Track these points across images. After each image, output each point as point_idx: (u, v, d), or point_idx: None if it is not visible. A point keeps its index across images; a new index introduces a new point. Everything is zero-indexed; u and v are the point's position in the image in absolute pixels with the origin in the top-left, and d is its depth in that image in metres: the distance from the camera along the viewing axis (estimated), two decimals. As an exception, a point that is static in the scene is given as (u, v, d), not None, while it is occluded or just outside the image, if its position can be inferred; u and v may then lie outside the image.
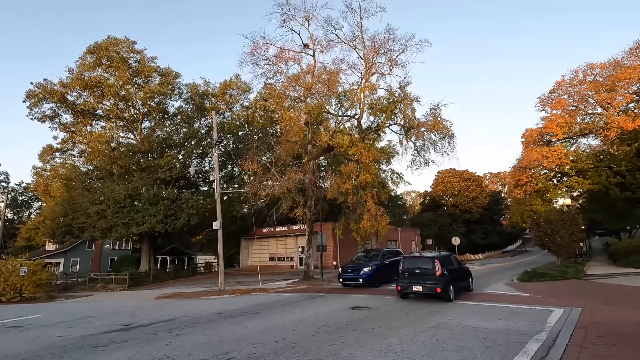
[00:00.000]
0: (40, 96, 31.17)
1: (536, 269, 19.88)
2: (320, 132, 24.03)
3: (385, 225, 23.26)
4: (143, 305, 15.11)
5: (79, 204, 29.90)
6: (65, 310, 15.35)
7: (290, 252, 35.50)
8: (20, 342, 8.59)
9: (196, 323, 9.54)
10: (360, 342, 6.61)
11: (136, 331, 8.94)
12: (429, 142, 24.97)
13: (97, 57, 31.74)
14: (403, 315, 9.23)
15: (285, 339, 7.11)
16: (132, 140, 35.96)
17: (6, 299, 22.84)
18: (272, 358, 5.91)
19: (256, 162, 22.15)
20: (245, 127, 38.32)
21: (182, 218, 28.77)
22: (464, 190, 61.97)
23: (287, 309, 11.16)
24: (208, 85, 37.95)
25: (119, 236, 29.98)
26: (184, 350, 6.68)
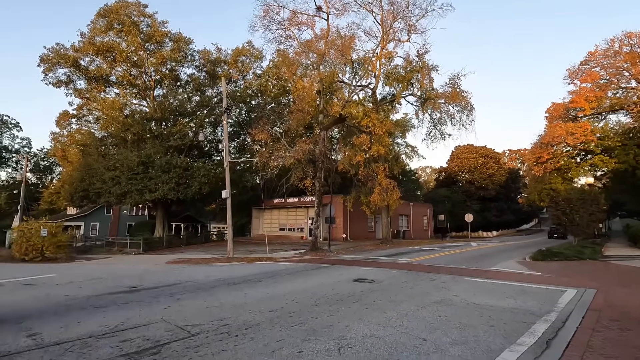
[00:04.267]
0: (53, 61, 31.12)
1: (551, 248, 19.33)
2: (333, 101, 23.29)
3: (396, 199, 22.90)
4: (153, 269, 15.46)
5: (94, 170, 30.49)
6: (79, 271, 15.88)
7: (301, 223, 35.73)
8: (29, 299, 8.82)
9: (199, 289, 9.59)
10: (359, 315, 6.42)
11: (140, 294, 9.05)
12: (446, 114, 23.99)
13: (109, 20, 31.18)
14: (407, 289, 9.01)
15: (284, 308, 7.00)
16: (145, 107, 35.95)
17: (29, 259, 23.95)
18: (267, 326, 5.79)
19: (266, 131, 21.78)
20: (258, 97, 37.65)
21: (194, 186, 29.03)
22: (480, 166, 60.39)
23: (290, 279, 11.12)
24: (220, 52, 37.08)
25: (133, 202, 30.64)
26: (181, 314, 6.65)
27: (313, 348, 4.71)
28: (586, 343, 4.93)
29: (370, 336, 5.19)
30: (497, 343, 4.89)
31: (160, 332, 5.54)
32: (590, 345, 4.82)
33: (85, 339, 5.29)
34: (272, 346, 4.82)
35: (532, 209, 64.56)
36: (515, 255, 18.69)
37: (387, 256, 18.43)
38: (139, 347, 4.87)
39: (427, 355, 4.45)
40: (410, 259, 16.86)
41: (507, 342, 4.91)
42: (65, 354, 4.67)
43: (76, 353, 4.68)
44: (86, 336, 5.40)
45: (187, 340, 5.12)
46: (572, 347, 4.78)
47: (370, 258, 17.54)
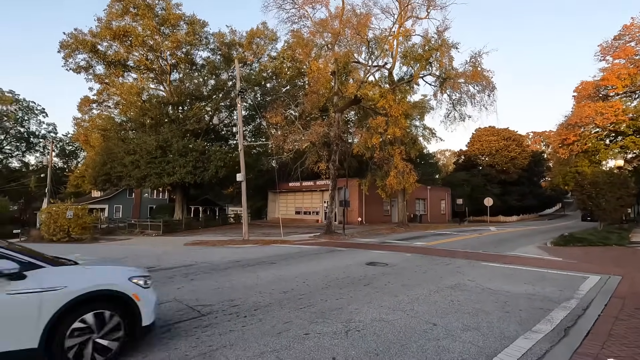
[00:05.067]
0: (73, 47, 31.60)
1: (574, 233, 18.65)
2: (348, 83, 22.77)
3: (412, 182, 22.49)
4: (171, 250, 15.86)
5: (115, 154, 31.26)
6: (102, 252, 16.50)
7: (316, 206, 35.81)
8: (51, 277, 9.19)
9: (213, 270, 9.74)
10: (369, 298, 6.34)
11: (156, 274, 9.25)
12: (466, 94, 23.10)
13: (124, 4, 31.23)
14: (420, 273, 8.86)
15: (294, 290, 7.00)
16: (162, 92, 36.27)
17: (57, 239, 25.10)
18: (276, 308, 5.79)
19: (281, 114, 21.59)
20: (273, 79, 37.29)
21: (210, 170, 29.38)
22: (502, 149, 58.47)
23: (303, 261, 11.15)
24: (235, 35, 36.70)
25: (152, 185, 31.37)
26: (193, 295, 6.75)
27: (320, 330, 4.67)
28: (608, 332, 4.68)
29: (379, 320, 5.11)
30: (511, 330, 4.71)
31: (171, 312, 5.64)
32: (613, 334, 4.57)
33: (99, 316, 5.43)
34: (279, 327, 4.81)
35: (555, 193, 62.34)
36: (536, 240, 18.15)
37: (402, 240, 18.26)
38: (149, 325, 4.96)
39: (437, 340, 4.33)
40: (426, 242, 16.63)
41: (522, 329, 4.72)
42: (79, 330, 4.80)
43: (89, 330, 4.81)
44: (100, 314, 5.55)
45: (196, 320, 5.18)
46: (593, 336, 4.55)
47: (384, 242, 17.42)
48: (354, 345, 4.17)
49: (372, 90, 22.34)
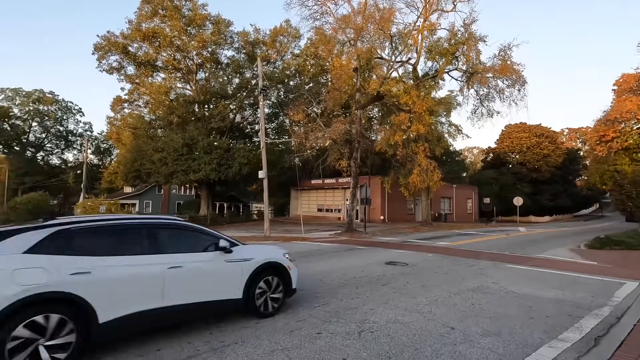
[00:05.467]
0: (106, 48, 32.98)
1: (610, 236, 17.56)
2: (370, 79, 22.44)
3: (436, 180, 21.92)
4: (194, 245, 16.26)
5: (144, 151, 32.44)
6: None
7: (338, 204, 35.70)
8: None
9: (233, 265, 9.88)
10: (386, 299, 6.21)
11: (178, 268, 9.51)
12: (495, 89, 22.19)
13: (153, 6, 32.25)
14: (441, 274, 8.60)
15: (310, 288, 6.97)
16: (189, 91, 37.23)
17: (90, 232, 26.42)
18: (290, 306, 5.77)
19: (302, 111, 21.60)
20: (296, 77, 37.41)
21: (234, 167, 29.91)
22: (534, 147, 55.94)
23: (322, 259, 11.11)
24: (258, 33, 37.07)
25: (179, 182, 32.33)
26: (211, 289, 6.86)
27: (333, 330, 4.61)
28: (644, 343, 4.33)
29: (394, 321, 4.98)
30: (535, 337, 4.45)
31: (189, 306, 5.74)
32: (649, 347, 4.22)
33: (120, 308, 5.62)
34: (292, 326, 4.78)
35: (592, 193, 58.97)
36: (568, 243, 17.23)
37: (424, 239, 17.85)
38: (166, 319, 5.07)
39: (453, 345, 4.16)
40: (449, 242, 16.18)
41: (547, 337, 4.46)
42: (101, 321, 4.97)
43: (110, 321, 4.98)
44: (122, 306, 5.74)
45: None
46: (626, 347, 4.22)
47: (406, 241, 17.09)
48: (366, 347, 4.08)
49: (396, 87, 21.93)
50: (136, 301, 3.96)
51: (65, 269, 3.60)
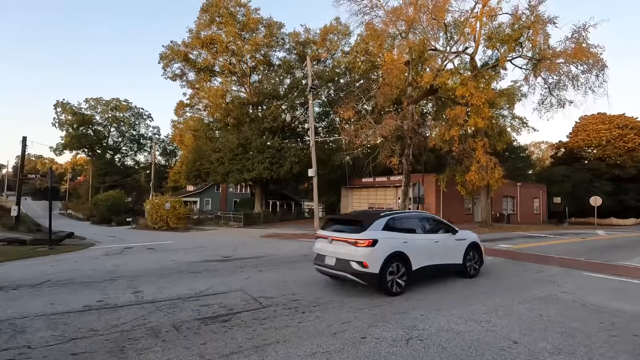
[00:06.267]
0: (170, 57, 35.63)
1: None
2: (423, 72, 21.41)
3: (497, 178, 20.29)
4: (247, 241, 16.86)
5: (203, 152, 34.49)
6: (190, 240, 18.29)
7: (390, 202, 34.76)
8: (145, 261, 10.41)
9: (282, 262, 10.00)
10: (438, 305, 5.77)
11: (230, 263, 9.86)
12: (567, 76, 19.92)
13: (210, 14, 34.09)
14: (502, 280, 7.85)
15: (357, 289, 6.73)
16: (244, 93, 38.81)
17: (158, 227, 28.74)
18: (336, 306, 5.62)
19: (352, 109, 21.28)
20: (346, 74, 37.15)
21: (286, 166, 30.54)
22: (616, 139, 49.47)
23: (371, 259, 10.78)
24: (309, 33, 37.43)
25: (235, 181, 33.85)
26: (258, 286, 6.95)
27: (379, 335, 4.35)
28: None
29: (446, 330, 4.57)
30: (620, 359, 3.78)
31: (236, 301, 5.84)
32: None
33: (174, 300, 5.90)
34: (336, 328, 4.61)
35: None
36: (661, 249, 14.86)
37: (483, 241, 16.50)
38: (213, 313, 5.20)
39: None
40: (512, 245, 14.83)
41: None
42: (155, 311, 5.25)
43: (164, 312, 5.23)
44: (175, 298, 6.02)
45: (256, 312, 5.27)
46: None
47: (463, 242, 16.01)
48: (414, 356, 3.77)
49: (451, 79, 20.66)
50: (424, 260, 6.81)
51: (399, 239, 6.57)
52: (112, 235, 23.34)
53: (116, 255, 11.72)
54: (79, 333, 4.30)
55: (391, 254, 6.25)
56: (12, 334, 4.27)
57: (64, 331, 4.36)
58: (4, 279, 7.44)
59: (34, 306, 5.43)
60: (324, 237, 6.85)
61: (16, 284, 6.97)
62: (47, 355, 3.67)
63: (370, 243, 6.13)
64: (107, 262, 10.21)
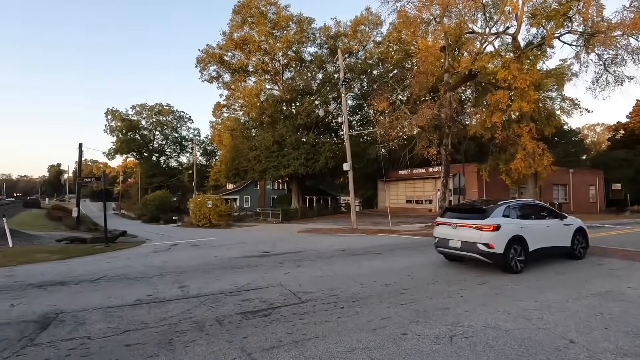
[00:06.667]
0: (206, 60, 36.92)
1: None
2: (461, 57, 20.41)
3: (546, 165, 18.95)
4: (285, 236, 17.13)
5: (241, 151, 35.52)
6: (231, 236, 18.94)
7: (429, 195, 33.77)
8: (190, 257, 10.91)
9: (319, 257, 10.04)
10: (484, 300, 5.50)
11: (269, 259, 10.07)
12: (625, 50, 18.06)
13: (242, 16, 34.81)
14: (555, 274, 7.32)
15: (397, 284, 6.60)
16: (277, 91, 39.37)
17: (201, 224, 30.07)
18: (375, 301, 5.53)
19: (386, 100, 20.79)
20: (379, 65, 36.41)
21: (320, 161, 30.65)
22: (685, 117, 44.38)
23: (410, 253, 10.55)
24: (339, 26, 37.10)
25: (271, 177, 34.56)
26: (297, 281, 7.02)
27: (420, 332, 4.21)
28: None
29: (493, 327, 4.33)
30: (700, 364, 3.37)
31: (275, 296, 5.94)
32: None
33: (217, 294, 6.11)
34: (376, 323, 4.53)
35: None
36: None
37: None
38: (254, 307, 5.32)
39: (574, 363, 3.40)
40: (566, 237, 13.78)
41: None
42: (200, 305, 5.47)
43: (207, 306, 5.43)
44: (218, 292, 6.24)
45: (296, 307, 5.32)
46: None
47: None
48: (458, 354, 3.60)
49: (491, 62, 19.50)
50: (538, 242, 7.69)
51: (518, 224, 7.51)
52: (160, 233, 24.76)
53: (164, 252, 12.40)
54: (132, 325, 4.59)
55: (512, 237, 7.21)
56: (74, 325, 4.64)
57: (119, 323, 4.67)
58: (68, 275, 8.13)
59: (92, 300, 5.88)
60: (447, 224, 8.06)
61: (78, 279, 7.58)
62: (104, 346, 3.95)
63: (494, 228, 7.18)
64: (156, 258, 10.83)
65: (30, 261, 10.30)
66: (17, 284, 7.18)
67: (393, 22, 32.19)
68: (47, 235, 18.91)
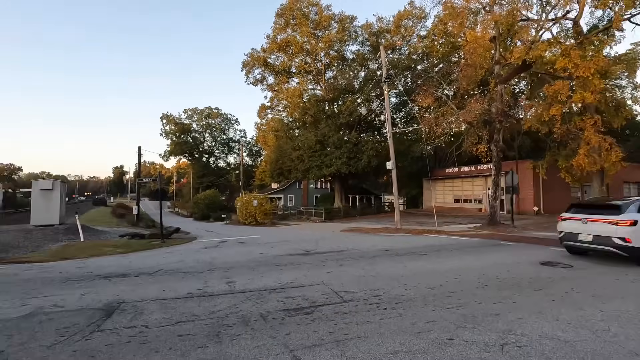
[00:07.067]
0: (251, 64, 38.21)
1: None
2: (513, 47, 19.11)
3: (615, 161, 17.15)
4: (328, 235, 17.22)
5: (284, 151, 36.30)
6: (275, 234, 19.44)
7: (478, 194, 32.08)
8: (237, 254, 11.37)
9: (362, 257, 9.97)
10: (539, 307, 5.11)
11: (312, 257, 10.19)
12: None
13: (285, 18, 35.52)
14: (625, 282, 6.60)
15: (442, 286, 6.36)
16: (319, 91, 39.68)
17: (247, 222, 31.22)
18: (419, 304, 5.37)
19: (431, 95, 20.07)
20: (424, 60, 35.26)
21: (363, 160, 30.41)
22: None
23: (457, 255, 10.10)
24: (382, 22, 36.49)
25: (314, 177, 34.92)
26: (339, 280, 7.03)
27: (468, 338, 4.02)
28: None
29: (551, 337, 4.01)
30: None
31: (318, 294, 5.99)
32: None
33: (261, 291, 6.31)
34: (420, 327, 4.40)
35: None
36: None
37: (598, 235, 14.19)
38: (297, 305, 5.41)
39: (647, 383, 3.04)
40: (639, 241, 12.38)
41: None
42: (246, 301, 5.68)
43: (252, 301, 5.62)
44: (262, 289, 6.43)
45: (337, 306, 5.33)
46: None
47: (571, 237, 13.95)
48: (510, 364, 3.39)
49: (549, 50, 17.96)
50: None
51: None
52: (210, 230, 26.09)
53: (213, 249, 13.05)
54: (183, 317, 4.88)
55: None
56: (134, 314, 5.04)
57: (172, 314, 5.00)
58: (129, 268, 8.86)
59: (150, 291, 6.35)
60: (575, 219, 8.43)
61: (138, 272, 8.23)
62: (160, 335, 4.24)
63: (631, 223, 7.43)
64: (206, 254, 11.43)
65: (98, 254, 11.37)
66: (87, 275, 7.96)
67: (438, 15, 30.91)
68: (111, 230, 20.74)
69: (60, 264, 9.67)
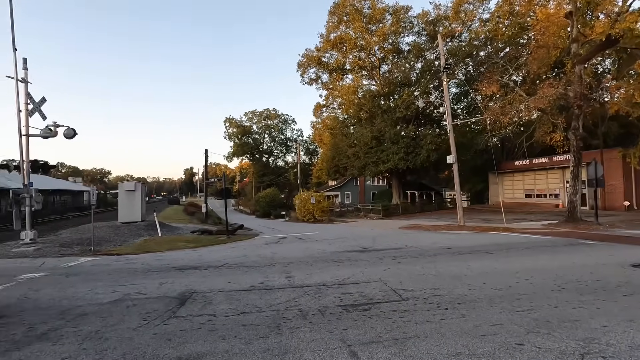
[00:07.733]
0: (305, 64, 38.89)
1: None
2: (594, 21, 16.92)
3: None
4: (386, 232, 16.94)
5: (340, 148, 36.42)
6: (333, 231, 19.64)
7: (554, 187, 29.06)
8: (296, 250, 11.73)
9: (421, 255, 9.65)
10: (630, 315, 4.50)
11: (369, 254, 10.12)
12: None
13: (338, 16, 35.52)
14: None
15: (511, 288, 5.91)
16: (374, 86, 39.05)
17: (305, 219, 31.98)
18: (484, 305, 5.05)
19: (496, 83, 18.62)
20: (487, 45, 32.79)
21: (422, 154, 29.29)
22: None
23: (529, 254, 9.29)
24: (439, 9, 34.67)
25: (371, 173, 34.49)
26: (397, 278, 6.89)
27: (540, 344, 3.69)
28: None
29: (645, 349, 3.52)
30: None
31: (375, 291, 5.95)
32: None
33: (319, 286, 6.43)
34: (485, 329, 4.14)
35: None
36: None
37: None
38: (354, 301, 5.43)
39: None
40: None
41: None
42: (304, 295, 5.84)
43: (310, 296, 5.77)
44: (320, 284, 6.56)
45: (396, 304, 5.24)
46: None
47: (673, 236, 12.04)
48: (592, 376, 3.04)
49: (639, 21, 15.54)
50: None
51: None
52: (270, 227, 27.21)
53: (274, 244, 13.61)
54: (247, 308, 5.18)
55: None
56: (204, 303, 5.48)
57: (237, 306, 5.33)
58: (199, 261, 9.62)
59: (217, 283, 6.84)
60: None
61: (206, 265, 8.91)
62: (226, 324, 4.56)
63: None
64: (267, 249, 11.97)
65: (173, 248, 12.54)
66: (164, 267, 8.82)
67: (503, -6, 28.55)
68: (184, 227, 22.69)
69: (142, 257, 10.85)
